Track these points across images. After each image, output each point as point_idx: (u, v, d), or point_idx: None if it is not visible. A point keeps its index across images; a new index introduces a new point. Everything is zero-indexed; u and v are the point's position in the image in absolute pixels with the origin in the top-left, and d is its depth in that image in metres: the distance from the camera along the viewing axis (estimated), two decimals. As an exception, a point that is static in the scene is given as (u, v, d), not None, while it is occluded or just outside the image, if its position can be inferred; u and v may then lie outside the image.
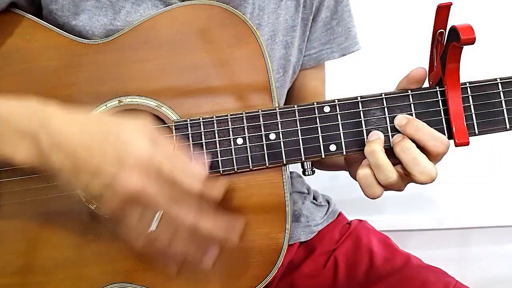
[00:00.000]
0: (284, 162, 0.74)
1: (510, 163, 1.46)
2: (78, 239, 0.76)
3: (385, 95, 0.73)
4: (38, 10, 0.80)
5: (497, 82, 0.72)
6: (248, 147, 0.74)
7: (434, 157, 0.70)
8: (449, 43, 0.68)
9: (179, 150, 0.68)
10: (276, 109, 0.74)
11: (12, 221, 0.76)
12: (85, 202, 0.76)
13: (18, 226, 0.76)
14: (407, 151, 0.69)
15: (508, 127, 0.72)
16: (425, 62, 0.75)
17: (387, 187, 0.71)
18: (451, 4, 0.69)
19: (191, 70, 0.76)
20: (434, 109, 0.72)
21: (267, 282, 0.75)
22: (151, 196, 0.63)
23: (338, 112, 0.73)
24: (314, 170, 0.77)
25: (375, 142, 0.71)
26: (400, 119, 0.72)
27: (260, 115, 0.74)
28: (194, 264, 0.68)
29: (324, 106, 0.74)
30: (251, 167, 0.74)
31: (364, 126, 0.73)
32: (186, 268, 0.69)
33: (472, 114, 0.72)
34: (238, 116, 0.74)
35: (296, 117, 0.74)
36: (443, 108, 0.72)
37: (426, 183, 0.69)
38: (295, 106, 0.74)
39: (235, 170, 0.74)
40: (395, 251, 0.96)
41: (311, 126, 0.74)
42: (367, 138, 0.73)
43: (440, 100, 0.72)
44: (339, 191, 1.15)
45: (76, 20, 0.79)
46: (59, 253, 0.76)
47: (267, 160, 0.74)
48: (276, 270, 0.74)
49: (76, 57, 0.77)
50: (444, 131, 0.72)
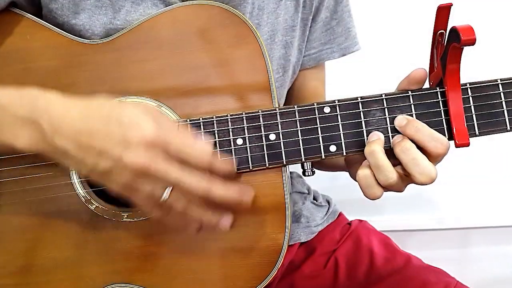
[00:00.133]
0: (284, 163, 0.74)
1: (510, 163, 1.46)
2: (78, 239, 0.76)
3: (385, 95, 0.73)
4: (38, 10, 0.80)
5: (497, 83, 0.72)
6: (248, 148, 0.74)
7: (434, 158, 0.69)
8: (449, 44, 0.68)
9: (182, 128, 0.69)
10: (276, 109, 0.74)
11: (12, 221, 0.76)
12: (84, 202, 0.76)
13: (18, 226, 0.76)
14: (407, 151, 0.69)
15: (508, 128, 0.72)
16: (425, 63, 0.74)
17: (387, 188, 0.71)
18: (452, 5, 0.68)
19: (191, 70, 0.76)
20: (435, 110, 0.72)
21: (267, 282, 0.75)
22: (160, 171, 0.64)
23: (338, 112, 0.73)
24: (314, 170, 0.77)
25: (375, 142, 0.71)
26: (400, 120, 0.72)
27: (260, 115, 0.74)
28: (212, 228, 0.69)
29: (324, 106, 0.73)
30: (251, 168, 0.74)
31: (364, 126, 0.73)
32: (205, 230, 0.70)
33: (472, 115, 0.72)
34: (238, 116, 0.74)
35: (296, 117, 0.74)
36: (444, 109, 0.72)
37: (426, 184, 0.69)
38: (295, 106, 0.74)
39: (235, 170, 0.74)
40: (396, 252, 0.96)
41: (311, 127, 0.73)
42: (367, 139, 0.72)
43: (440, 101, 0.72)
44: (340, 191, 1.15)
45: (76, 19, 0.79)
46: (59, 253, 0.76)
47: (267, 160, 0.73)
48: (276, 271, 0.74)
49: (76, 57, 0.77)
50: (444, 132, 0.72)
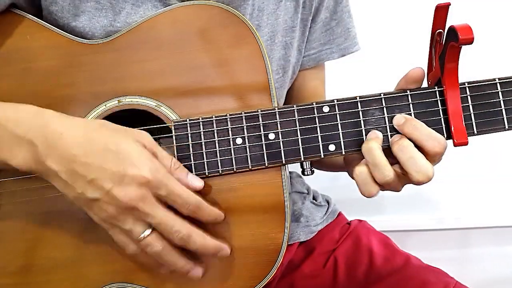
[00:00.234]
0: (283, 162, 0.74)
1: (510, 163, 1.46)
2: (77, 239, 0.76)
3: (384, 95, 0.73)
4: (38, 11, 0.80)
5: (495, 82, 0.72)
6: (247, 147, 0.74)
7: (431, 156, 0.69)
8: (447, 43, 0.68)
9: (177, 164, 0.70)
10: (275, 109, 0.74)
11: (12, 221, 0.76)
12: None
13: (18, 226, 0.76)
14: (404, 149, 0.69)
15: (506, 127, 0.72)
16: (424, 62, 0.75)
17: (384, 186, 0.71)
18: (450, 5, 0.69)
19: (191, 70, 0.76)
20: (433, 109, 0.72)
21: (267, 282, 0.75)
22: (146, 209, 0.66)
23: (337, 112, 0.73)
24: (313, 170, 0.77)
25: (373, 140, 0.71)
26: (399, 119, 0.72)
27: (260, 115, 0.74)
28: (183, 274, 0.72)
29: (323, 106, 0.74)
30: (250, 167, 0.74)
31: (363, 126, 0.73)
32: (176, 274, 0.72)
33: (471, 114, 0.72)
34: (237, 116, 0.74)
35: (295, 117, 0.74)
36: (442, 108, 0.72)
37: (423, 183, 0.69)
38: (294, 106, 0.74)
39: (234, 170, 0.74)
40: (395, 251, 0.96)
41: (310, 126, 0.74)
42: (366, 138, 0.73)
43: (439, 100, 0.72)
44: (339, 191, 1.15)
45: (76, 22, 0.79)
46: (59, 253, 0.76)
47: (266, 160, 0.74)
48: (276, 270, 0.74)
49: (76, 57, 0.77)
50: (443, 131, 0.72)
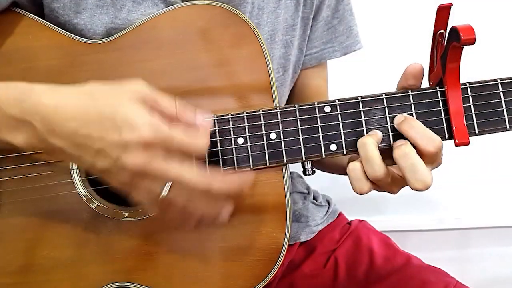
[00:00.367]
0: (285, 162, 0.74)
1: (510, 163, 1.46)
2: (78, 238, 0.76)
3: (385, 95, 0.73)
4: (40, 9, 0.80)
5: (497, 82, 0.72)
6: (249, 147, 0.74)
7: (425, 156, 0.68)
8: (449, 43, 0.68)
9: (181, 108, 0.66)
10: (277, 108, 0.74)
11: (12, 220, 0.76)
12: (85, 201, 0.76)
13: (18, 225, 0.76)
14: (406, 156, 0.68)
15: (508, 127, 0.72)
16: (425, 62, 0.75)
17: (376, 185, 0.70)
18: (452, 5, 0.69)
19: (192, 70, 0.76)
20: (435, 109, 0.72)
21: (267, 282, 0.75)
22: (158, 169, 0.63)
23: (339, 112, 0.73)
24: (314, 170, 0.77)
25: (370, 136, 0.71)
26: (398, 117, 0.72)
27: (261, 114, 0.74)
28: (211, 221, 0.68)
29: (324, 106, 0.74)
30: (251, 167, 0.74)
31: (364, 126, 0.73)
32: (204, 224, 0.69)
33: (472, 114, 0.72)
34: (239, 115, 0.74)
35: (296, 116, 0.74)
36: (444, 108, 0.72)
37: (420, 191, 0.68)
38: (296, 105, 0.74)
39: (235, 169, 0.74)
40: (396, 251, 0.96)
41: (312, 126, 0.74)
42: None
43: (440, 100, 0.72)
44: (340, 191, 1.14)
45: (77, 19, 0.79)
46: (59, 252, 0.76)
47: (267, 159, 0.74)
48: (276, 270, 0.74)
49: (78, 56, 0.77)
50: (444, 131, 0.72)
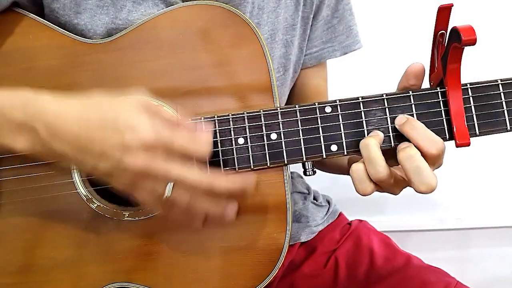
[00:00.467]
0: (285, 162, 0.74)
1: (510, 163, 1.46)
2: (78, 238, 0.76)
3: (386, 95, 0.73)
4: (40, 10, 0.80)
5: (498, 83, 0.72)
6: (250, 147, 0.74)
7: (428, 158, 0.68)
8: (450, 44, 0.68)
9: (180, 119, 0.67)
10: (277, 109, 0.74)
11: (12, 220, 0.76)
12: (85, 201, 0.76)
13: (18, 225, 0.76)
14: (411, 158, 0.67)
15: (508, 128, 0.72)
16: (426, 62, 0.74)
17: (379, 186, 0.70)
18: (452, 6, 0.69)
19: (193, 70, 0.76)
20: (435, 109, 0.72)
21: (268, 282, 0.75)
22: (160, 170, 0.63)
23: (339, 112, 0.73)
24: (315, 170, 0.77)
25: (372, 137, 0.71)
26: (400, 118, 0.71)
27: (262, 115, 0.74)
28: (217, 220, 0.68)
29: (325, 106, 0.74)
30: (252, 167, 0.74)
31: (365, 126, 0.73)
32: (211, 223, 0.69)
33: (473, 115, 0.72)
34: (239, 116, 0.74)
35: (297, 117, 0.74)
36: (444, 109, 0.72)
37: (425, 193, 0.68)
38: (297, 106, 0.74)
39: (236, 169, 0.74)
40: (396, 251, 0.96)
41: (312, 126, 0.74)
42: None
43: (441, 101, 0.72)
44: (340, 191, 1.14)
45: (77, 19, 0.79)
46: (59, 252, 0.76)
47: (268, 160, 0.74)
48: (277, 270, 0.74)
49: (78, 57, 0.77)
50: (445, 132, 0.72)
